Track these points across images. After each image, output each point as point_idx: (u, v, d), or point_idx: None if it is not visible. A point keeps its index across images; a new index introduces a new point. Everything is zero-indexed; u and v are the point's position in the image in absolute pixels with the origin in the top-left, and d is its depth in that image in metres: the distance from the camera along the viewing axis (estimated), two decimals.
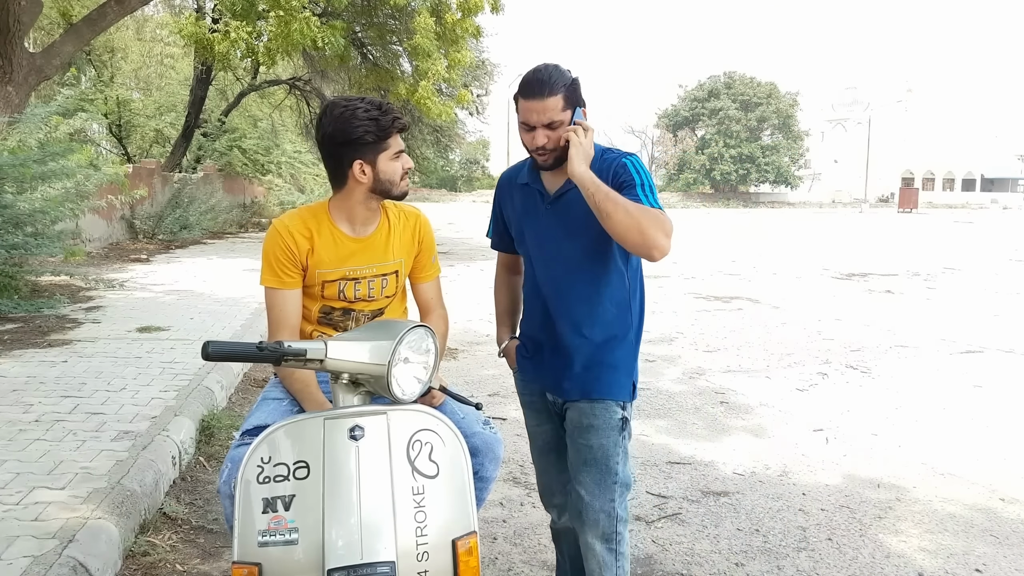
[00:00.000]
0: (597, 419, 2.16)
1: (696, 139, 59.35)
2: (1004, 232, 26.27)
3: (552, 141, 2.04)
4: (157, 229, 14.30)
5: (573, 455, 2.22)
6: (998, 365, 6.37)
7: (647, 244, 1.93)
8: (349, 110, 2.00)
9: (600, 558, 2.18)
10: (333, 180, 2.11)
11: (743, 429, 4.64)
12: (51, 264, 8.27)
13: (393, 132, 2.04)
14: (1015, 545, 3.18)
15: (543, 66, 2.04)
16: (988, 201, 59.63)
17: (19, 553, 2.50)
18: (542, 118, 2.02)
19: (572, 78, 2.05)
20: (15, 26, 9.38)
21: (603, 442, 2.15)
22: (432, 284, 2.34)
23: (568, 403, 2.21)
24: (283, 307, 2.12)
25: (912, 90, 68.35)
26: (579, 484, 2.20)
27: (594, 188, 1.96)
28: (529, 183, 2.21)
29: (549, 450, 2.37)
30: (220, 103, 21.60)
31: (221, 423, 4.21)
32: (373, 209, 2.15)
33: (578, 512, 2.21)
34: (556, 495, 2.41)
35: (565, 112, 2.03)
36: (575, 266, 2.14)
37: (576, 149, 2.00)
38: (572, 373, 2.18)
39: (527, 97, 2.02)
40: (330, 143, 2.04)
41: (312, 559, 1.58)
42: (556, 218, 2.14)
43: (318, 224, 2.12)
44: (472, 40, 15.03)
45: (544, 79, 2.00)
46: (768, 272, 13.00)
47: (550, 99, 2.00)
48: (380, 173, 2.05)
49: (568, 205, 2.12)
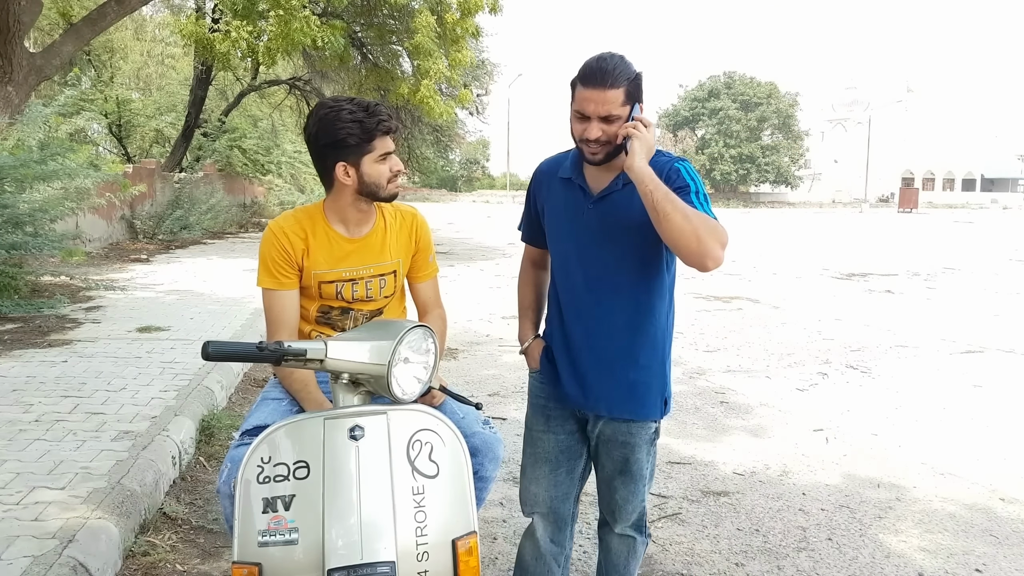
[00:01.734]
0: (634, 437, 2.15)
1: (696, 139, 59.35)
2: (1004, 232, 26.27)
3: (606, 135, 1.92)
4: (157, 229, 14.30)
5: (607, 461, 2.21)
6: (998, 365, 6.36)
7: (702, 252, 1.82)
8: (334, 111, 1.98)
9: (632, 545, 2.30)
10: (322, 180, 2.10)
11: (743, 429, 4.64)
12: (51, 264, 8.27)
13: (377, 135, 2.00)
14: (1015, 545, 3.18)
15: (608, 55, 1.91)
16: (988, 201, 59.61)
17: (19, 553, 2.50)
18: (600, 109, 1.89)
19: (637, 72, 1.93)
20: (15, 26, 9.37)
21: (638, 456, 2.17)
22: (430, 283, 2.33)
23: (602, 418, 2.17)
24: (281, 308, 2.11)
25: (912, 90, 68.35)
26: (612, 489, 2.23)
27: (654, 186, 1.83)
28: (572, 178, 2.07)
29: (547, 460, 2.25)
30: (220, 103, 21.62)
31: (221, 423, 4.21)
32: (364, 210, 2.13)
33: (611, 509, 2.27)
34: (540, 505, 2.29)
35: (624, 107, 1.90)
36: (616, 271, 2.04)
37: (639, 143, 1.87)
38: (610, 391, 2.10)
39: (588, 85, 1.89)
40: (314, 144, 2.03)
41: (312, 559, 1.58)
42: (600, 219, 2.02)
43: (313, 225, 2.11)
44: (472, 40, 15.03)
45: (608, 69, 1.88)
46: (768, 272, 13.00)
47: (611, 91, 1.87)
48: (364, 176, 2.02)
49: (613, 206, 2.00)
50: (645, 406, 2.13)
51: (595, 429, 2.19)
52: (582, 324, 2.10)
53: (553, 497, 2.27)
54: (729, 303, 9.54)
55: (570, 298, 2.12)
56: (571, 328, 2.12)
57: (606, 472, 2.23)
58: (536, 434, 2.28)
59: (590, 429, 2.21)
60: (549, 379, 2.22)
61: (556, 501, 2.28)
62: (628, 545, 2.30)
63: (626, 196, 1.97)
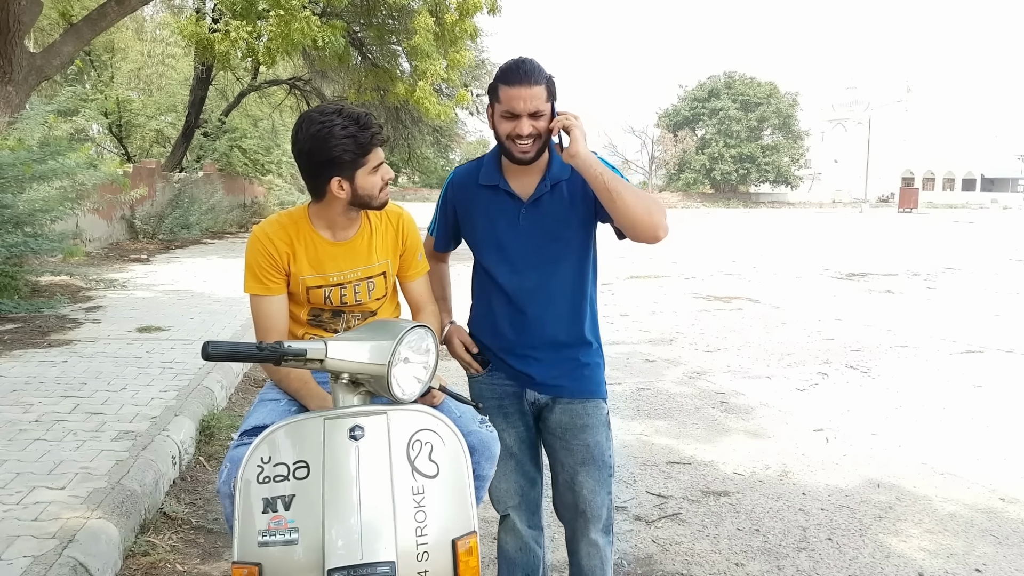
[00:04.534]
0: (590, 418, 2.22)
1: (696, 139, 59.36)
2: (1004, 232, 26.27)
3: (536, 130, 2.00)
4: (157, 229, 14.31)
5: (566, 456, 2.24)
6: (998, 365, 6.36)
7: (655, 224, 1.97)
8: (326, 127, 1.92)
9: (602, 552, 2.29)
10: (311, 192, 2.06)
11: (743, 429, 4.64)
12: (51, 264, 8.27)
13: (372, 148, 1.97)
14: (1015, 545, 3.18)
15: (524, 57, 2.02)
16: (988, 201, 59.65)
17: (19, 553, 2.50)
18: (529, 105, 1.97)
19: (550, 74, 2.04)
20: (15, 26, 9.38)
21: (599, 439, 2.23)
22: (421, 281, 2.32)
23: (554, 403, 2.22)
24: (269, 313, 2.10)
25: (912, 90, 68.36)
26: (578, 485, 2.23)
27: (601, 168, 1.94)
28: (498, 184, 2.14)
29: (511, 455, 2.30)
30: (220, 103, 21.62)
31: (221, 423, 4.21)
32: (353, 218, 2.12)
33: (580, 511, 2.25)
34: (512, 497, 2.35)
35: (547, 103, 2.00)
36: (558, 266, 2.15)
37: (579, 131, 1.96)
38: (566, 373, 2.19)
39: (514, 84, 1.97)
40: (307, 160, 1.97)
41: (312, 559, 1.58)
42: (536, 222, 2.12)
43: (298, 230, 2.09)
44: (470, 40, 15.04)
45: (530, 68, 1.98)
46: (768, 272, 13.00)
47: (536, 87, 1.97)
48: (359, 188, 2.00)
49: (546, 208, 2.11)
50: (599, 384, 2.25)
51: (550, 418, 2.24)
52: (530, 314, 2.18)
53: (522, 486, 2.34)
54: (729, 303, 9.54)
55: (516, 292, 2.18)
56: (518, 320, 2.20)
57: (567, 470, 2.26)
58: (498, 432, 2.24)
59: (544, 422, 2.27)
60: (497, 376, 2.28)
61: (526, 488, 2.34)
62: (600, 555, 2.29)
63: (556, 196, 2.10)
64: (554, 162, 2.12)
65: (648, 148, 65.04)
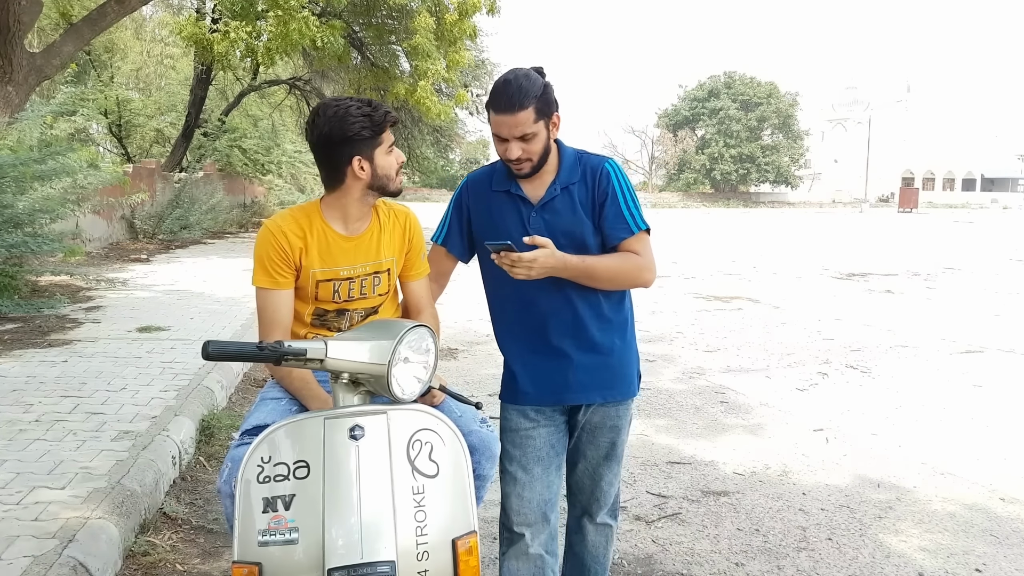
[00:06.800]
0: (621, 419, 2.25)
1: (696, 139, 59.40)
2: (1004, 232, 26.28)
3: (527, 153, 2.02)
4: (157, 229, 14.30)
5: (592, 451, 2.26)
6: (998, 365, 6.37)
7: (637, 285, 2.15)
8: (343, 108, 2.01)
9: (608, 531, 2.38)
10: (329, 180, 2.10)
11: (743, 429, 4.64)
12: (51, 264, 8.27)
13: (387, 126, 2.06)
14: (1015, 545, 3.18)
15: (512, 77, 1.98)
16: (988, 201, 59.67)
17: (19, 553, 2.50)
18: (514, 132, 1.99)
19: (543, 84, 2.00)
20: (15, 26, 9.37)
21: (623, 438, 2.29)
22: (422, 283, 2.34)
23: (588, 406, 2.21)
24: (276, 307, 2.11)
25: (912, 90, 68.39)
26: (598, 476, 2.29)
27: (576, 272, 2.04)
28: (510, 190, 2.15)
29: (538, 460, 2.20)
30: (220, 103, 21.61)
31: (221, 423, 4.21)
32: (368, 206, 2.15)
33: (595, 498, 2.31)
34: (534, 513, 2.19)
35: (537, 123, 1.99)
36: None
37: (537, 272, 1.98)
38: (601, 378, 2.17)
39: (497, 111, 1.99)
40: (327, 143, 2.04)
41: (312, 559, 1.58)
42: (547, 224, 2.11)
43: (310, 223, 2.11)
44: (470, 40, 15.04)
45: (512, 93, 1.95)
46: (768, 272, 13.00)
47: (520, 113, 1.96)
48: (378, 168, 2.06)
49: (557, 210, 2.11)
50: (632, 385, 2.25)
51: (583, 419, 2.23)
52: (556, 321, 2.15)
53: (546, 501, 2.20)
54: (729, 303, 9.54)
55: (536, 300, 2.14)
56: (543, 328, 2.15)
57: (590, 461, 2.28)
58: (523, 434, 2.20)
59: (573, 416, 2.24)
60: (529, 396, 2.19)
61: (548, 506, 2.21)
62: (606, 534, 2.37)
63: (566, 199, 2.11)
64: (564, 166, 2.13)
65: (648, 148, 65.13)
